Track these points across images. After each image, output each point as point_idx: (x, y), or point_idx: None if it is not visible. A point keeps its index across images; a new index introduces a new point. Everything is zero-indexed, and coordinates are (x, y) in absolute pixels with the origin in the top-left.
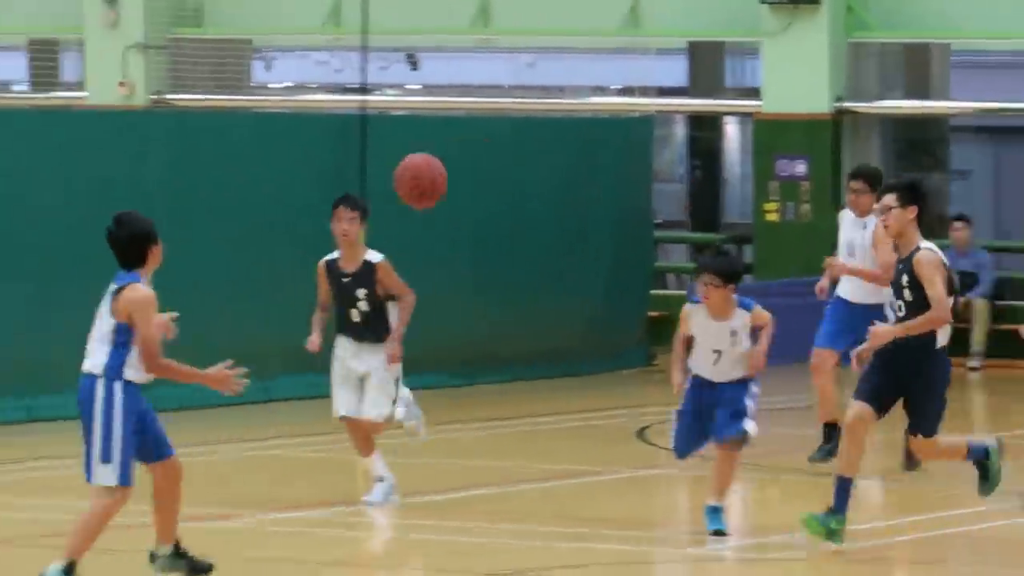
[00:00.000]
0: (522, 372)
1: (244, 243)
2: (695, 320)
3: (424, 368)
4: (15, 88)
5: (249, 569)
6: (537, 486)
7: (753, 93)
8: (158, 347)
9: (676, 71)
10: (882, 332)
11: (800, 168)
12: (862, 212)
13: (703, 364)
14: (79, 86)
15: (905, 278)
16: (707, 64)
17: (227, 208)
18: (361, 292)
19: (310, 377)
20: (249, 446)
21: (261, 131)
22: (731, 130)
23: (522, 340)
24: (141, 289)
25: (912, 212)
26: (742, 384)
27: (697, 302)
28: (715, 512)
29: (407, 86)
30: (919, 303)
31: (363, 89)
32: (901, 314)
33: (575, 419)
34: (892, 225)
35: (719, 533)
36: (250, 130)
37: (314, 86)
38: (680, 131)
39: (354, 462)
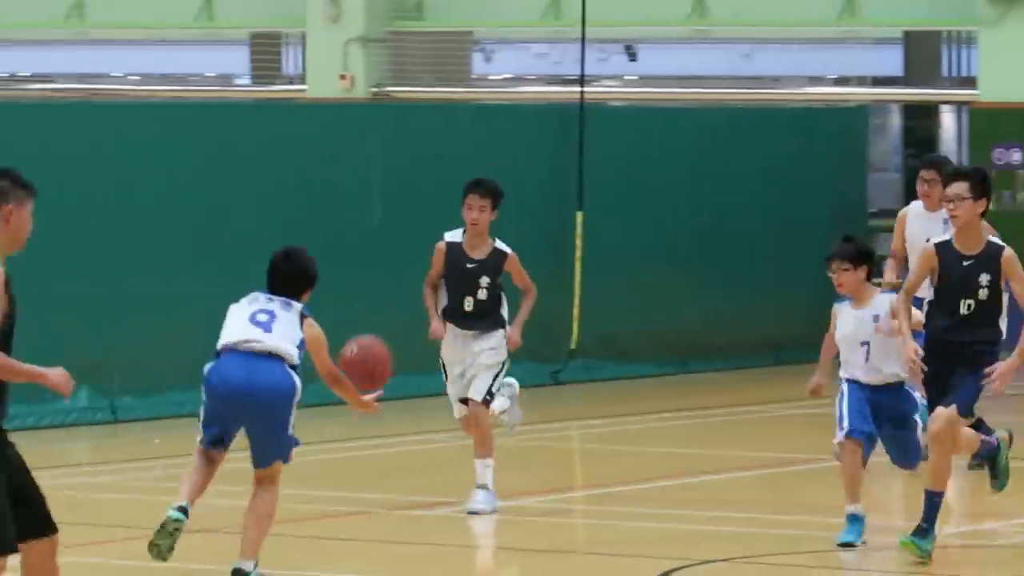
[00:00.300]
0: (736, 361)
1: None
2: (841, 318)
3: (640, 357)
4: (237, 81)
5: (464, 556)
6: (751, 474)
7: (969, 82)
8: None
9: (892, 60)
10: (1005, 371)
11: (1016, 156)
12: (933, 205)
13: (855, 364)
14: (300, 79)
15: (986, 277)
16: (923, 53)
17: (446, 200)
18: (484, 280)
19: (528, 366)
20: (467, 435)
21: (480, 123)
22: (947, 119)
23: (736, 329)
24: (318, 327)
25: (982, 206)
26: (902, 393)
27: (844, 300)
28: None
29: (625, 77)
30: (993, 302)
31: (581, 80)
32: (967, 312)
33: (788, 408)
34: (961, 216)
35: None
36: (469, 122)
37: (533, 78)
38: (895, 120)
39: (571, 451)
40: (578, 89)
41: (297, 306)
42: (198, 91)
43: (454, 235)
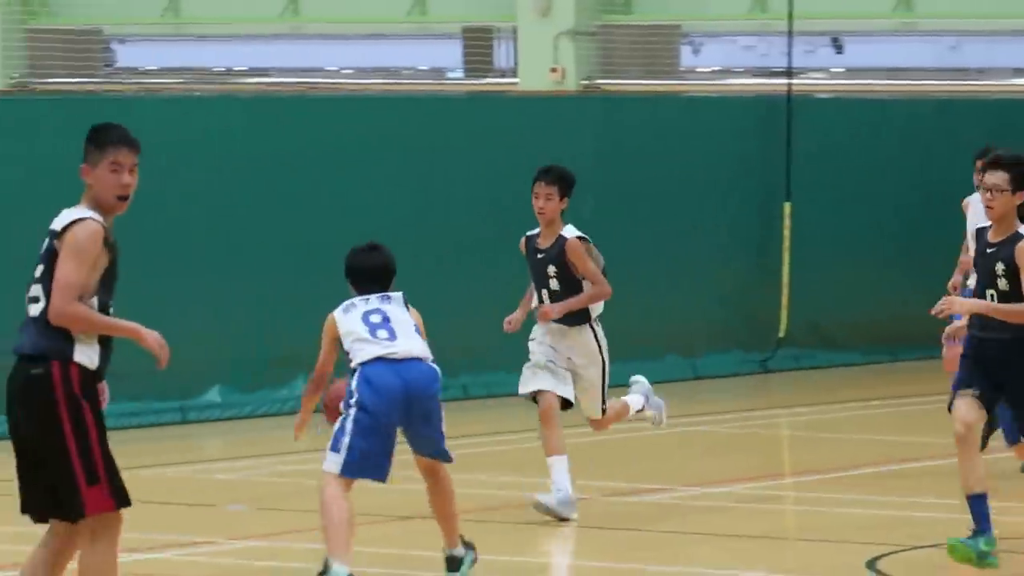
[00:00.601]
0: (940, 350)
1: (672, 224)
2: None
3: (847, 345)
4: (450, 75)
5: (673, 541)
6: (953, 462)
7: None
8: None
9: None
10: (960, 304)
11: None
12: None
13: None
14: (512, 72)
15: (1001, 266)
16: None
17: (655, 191)
18: (551, 269)
19: (737, 354)
20: (676, 422)
21: (689, 115)
22: None
23: (940, 319)
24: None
25: (1020, 198)
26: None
27: None
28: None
29: (831, 69)
30: (1015, 294)
31: (789, 72)
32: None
33: None
34: (996, 208)
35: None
36: (678, 114)
37: (740, 70)
38: None
39: (779, 438)
40: (785, 81)
41: (397, 295)
42: (411, 84)
43: (535, 230)
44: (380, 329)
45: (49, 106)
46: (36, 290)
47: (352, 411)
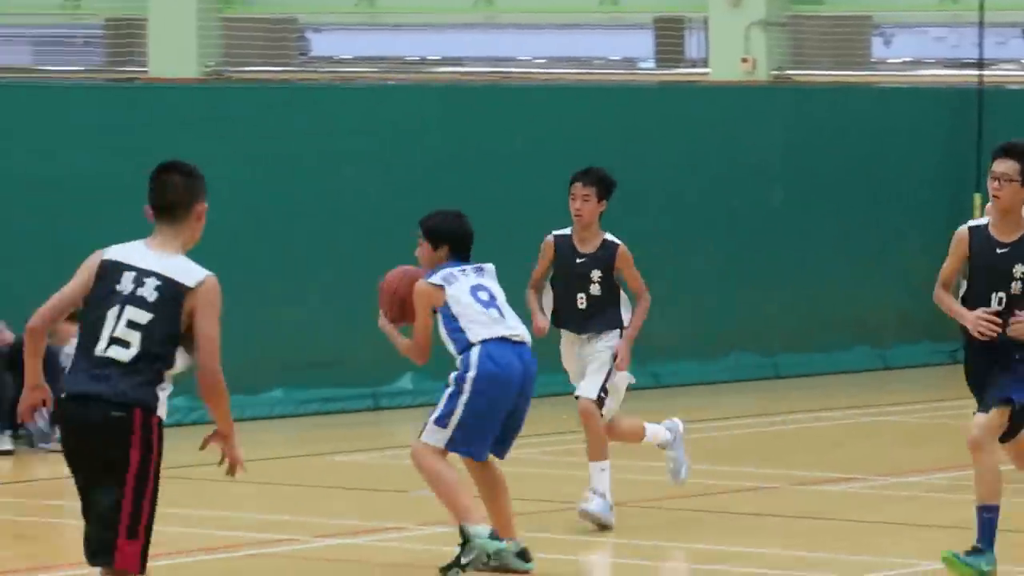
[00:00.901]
0: None
1: (861, 215)
2: None
3: None
4: (641, 65)
5: (864, 531)
6: None
7: None
8: None
9: None
10: None
11: None
12: None
13: None
14: (703, 63)
15: (1020, 268)
16: None
17: (845, 181)
18: (596, 274)
19: (925, 345)
20: (865, 412)
21: (879, 106)
22: None
23: None
24: None
25: None
26: None
27: None
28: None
29: (1023, 61)
30: None
31: (980, 64)
32: (1001, 308)
33: None
34: (1004, 198)
35: None
36: (868, 105)
37: (931, 61)
38: None
39: (968, 429)
40: (976, 72)
41: (490, 268)
42: (603, 75)
43: (563, 231)
44: (491, 307)
45: (244, 95)
46: (129, 335)
47: (468, 387)
